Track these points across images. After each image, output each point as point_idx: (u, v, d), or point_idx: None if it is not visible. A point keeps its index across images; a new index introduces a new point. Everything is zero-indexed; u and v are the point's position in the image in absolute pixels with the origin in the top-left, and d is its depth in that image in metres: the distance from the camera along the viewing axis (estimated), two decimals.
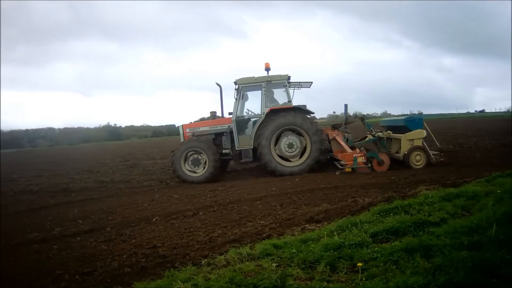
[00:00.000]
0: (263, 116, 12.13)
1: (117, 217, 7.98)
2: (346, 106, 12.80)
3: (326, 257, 4.12)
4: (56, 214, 8.81)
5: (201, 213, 7.66)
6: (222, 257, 4.62)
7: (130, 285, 4.21)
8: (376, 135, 12.69)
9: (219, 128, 12.85)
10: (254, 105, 12.91)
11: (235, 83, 12.49)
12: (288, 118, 11.85)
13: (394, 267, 3.80)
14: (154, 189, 11.83)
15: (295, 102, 12.35)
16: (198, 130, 13.01)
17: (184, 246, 5.45)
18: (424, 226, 4.87)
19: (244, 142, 12.38)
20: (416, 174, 9.96)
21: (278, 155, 12.10)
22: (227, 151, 12.68)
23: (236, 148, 12.48)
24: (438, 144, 12.42)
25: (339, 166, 11.48)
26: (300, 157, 12.09)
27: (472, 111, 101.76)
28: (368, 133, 13.04)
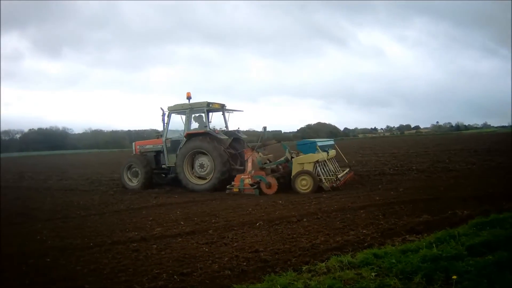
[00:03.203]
0: (184, 139, 15.02)
1: (220, 220, 8.82)
2: (264, 128, 15.28)
3: (423, 269, 4.60)
4: (157, 215, 9.95)
5: (305, 219, 8.25)
6: (323, 264, 5.12)
7: (229, 287, 4.77)
8: (285, 157, 13.83)
9: (159, 147, 16.24)
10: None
11: (168, 109, 15.72)
12: (196, 142, 14.70)
13: (485, 281, 4.15)
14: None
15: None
16: (144, 147, 16.85)
17: (286, 252, 5.99)
18: None
19: (172, 160, 15.48)
20: None
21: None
22: (165, 166, 16.02)
23: (167, 165, 15.83)
24: (332, 169, 13.88)
25: (227, 187, 13.47)
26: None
27: None
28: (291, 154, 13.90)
